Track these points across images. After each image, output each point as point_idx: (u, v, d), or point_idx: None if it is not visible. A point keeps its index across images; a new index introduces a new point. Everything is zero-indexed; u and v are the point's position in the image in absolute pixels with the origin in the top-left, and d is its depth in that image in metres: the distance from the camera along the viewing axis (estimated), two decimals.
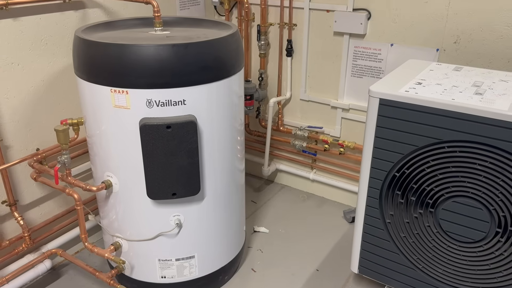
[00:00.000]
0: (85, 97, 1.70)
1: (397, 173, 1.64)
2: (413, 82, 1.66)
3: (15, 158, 1.90)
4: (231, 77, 1.75)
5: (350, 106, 2.48)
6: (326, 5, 2.36)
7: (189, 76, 1.60)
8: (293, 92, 2.70)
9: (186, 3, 2.57)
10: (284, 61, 2.65)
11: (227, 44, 1.71)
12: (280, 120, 2.78)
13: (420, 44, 2.15)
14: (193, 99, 1.64)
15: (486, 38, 1.97)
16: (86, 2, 2.02)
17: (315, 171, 2.77)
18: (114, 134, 1.67)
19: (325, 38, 2.44)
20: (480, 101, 1.46)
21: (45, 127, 1.99)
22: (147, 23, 1.99)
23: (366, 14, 2.24)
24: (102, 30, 1.85)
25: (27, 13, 1.81)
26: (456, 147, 1.49)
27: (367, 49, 2.32)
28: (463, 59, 2.05)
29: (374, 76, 2.34)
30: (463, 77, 1.70)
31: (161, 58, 1.55)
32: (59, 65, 1.98)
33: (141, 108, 1.60)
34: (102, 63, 1.57)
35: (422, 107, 1.50)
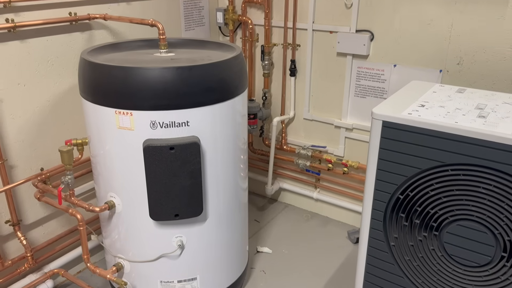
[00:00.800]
0: (90, 118, 1.71)
1: (401, 195, 1.62)
2: (416, 104, 1.66)
3: (19, 177, 1.91)
4: (234, 98, 1.76)
5: (353, 126, 2.48)
6: (329, 27, 2.38)
7: (193, 98, 1.62)
8: (296, 111, 2.71)
9: (191, 24, 2.60)
10: (287, 81, 2.67)
11: (231, 66, 1.73)
12: (283, 139, 2.78)
13: (423, 65, 2.16)
14: (197, 121, 1.64)
15: (489, 60, 1.98)
16: (92, 24, 2.05)
17: (319, 190, 2.76)
18: (117, 154, 1.68)
19: (329, 59, 2.46)
20: (483, 124, 1.45)
21: (49, 147, 2.00)
22: (153, 45, 2.02)
23: (369, 35, 2.25)
24: (108, 52, 1.88)
25: (34, 35, 1.84)
26: (460, 170, 1.48)
27: (370, 69, 2.33)
28: (467, 80, 2.06)
29: (377, 96, 2.35)
30: (466, 99, 1.71)
31: (166, 81, 1.56)
32: (64, 86, 2.00)
33: (145, 130, 1.61)
34: (107, 85, 1.59)
35: (425, 130, 1.50)
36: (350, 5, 2.27)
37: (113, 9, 2.13)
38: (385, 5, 2.17)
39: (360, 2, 2.23)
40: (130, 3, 2.20)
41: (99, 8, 2.05)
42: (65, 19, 1.90)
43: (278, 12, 2.55)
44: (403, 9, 2.12)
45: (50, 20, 1.85)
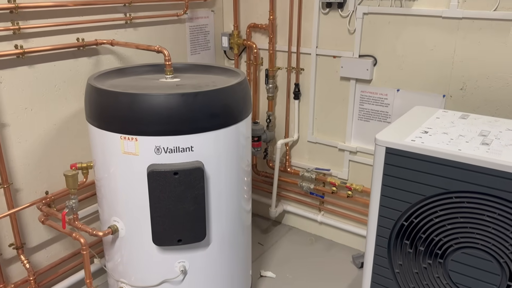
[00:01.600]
0: (95, 142, 1.73)
1: (405, 222, 1.62)
2: (419, 130, 1.67)
3: (24, 201, 1.92)
4: (238, 123, 1.78)
5: (357, 149, 2.49)
6: (332, 51, 2.41)
7: (198, 123, 1.63)
8: (300, 134, 2.72)
9: (197, 48, 2.64)
10: (291, 104, 2.69)
11: (235, 92, 1.75)
12: (287, 161, 2.78)
13: (426, 90, 2.17)
14: (201, 146, 1.66)
15: (492, 85, 1.99)
16: (99, 49, 2.09)
17: (323, 213, 2.75)
18: (122, 179, 1.69)
19: (332, 82, 2.48)
20: (487, 152, 1.46)
21: (55, 170, 2.02)
22: (159, 70, 2.05)
23: (372, 60, 2.28)
24: (114, 77, 1.91)
25: (42, 60, 1.87)
26: (464, 197, 1.47)
27: (373, 93, 2.35)
28: (470, 106, 2.06)
29: (381, 120, 2.36)
30: (469, 126, 1.71)
31: (171, 107, 1.58)
32: (70, 110, 2.03)
33: (150, 155, 1.62)
34: (113, 111, 1.61)
35: (428, 157, 1.50)
36: (353, 31, 2.31)
37: (120, 35, 2.17)
38: (388, 31, 2.19)
39: (363, 28, 2.26)
40: (137, 28, 2.24)
41: (106, 34, 2.09)
42: (73, 45, 1.94)
43: (282, 36, 2.58)
44: (406, 35, 2.15)
45: (58, 46, 1.88)
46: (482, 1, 1.91)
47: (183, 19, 2.49)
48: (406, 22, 2.13)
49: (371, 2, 2.21)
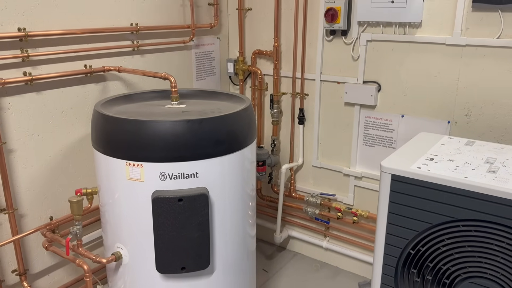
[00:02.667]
0: (101, 168, 1.74)
1: (412, 250, 1.59)
2: (425, 157, 1.66)
3: (28, 226, 1.91)
4: (243, 149, 1.78)
5: (362, 174, 2.48)
6: (336, 77, 2.43)
7: (203, 150, 1.64)
8: (305, 159, 2.72)
9: (202, 74, 2.68)
10: (296, 128, 2.70)
11: (240, 118, 1.76)
12: (292, 186, 2.77)
13: (431, 116, 2.17)
14: (206, 172, 1.66)
15: (497, 112, 1.99)
16: (107, 76, 2.12)
17: (329, 239, 2.72)
18: (126, 205, 1.69)
19: (337, 108, 2.49)
20: (493, 180, 1.45)
21: (59, 195, 2.02)
22: (165, 96, 2.07)
23: (376, 86, 2.29)
24: (121, 103, 1.93)
25: (50, 87, 1.90)
26: (471, 226, 1.45)
27: (378, 119, 2.35)
28: (475, 132, 2.06)
29: (386, 146, 2.36)
30: (475, 153, 1.70)
31: (176, 133, 1.59)
32: (77, 135, 2.04)
33: (154, 181, 1.62)
34: (119, 137, 1.62)
35: (434, 184, 1.49)
36: (357, 58, 2.33)
37: (128, 61, 2.20)
38: (392, 57, 2.22)
39: (367, 54, 2.29)
40: (144, 55, 2.28)
41: (113, 60, 2.13)
42: (81, 72, 1.97)
43: (287, 63, 2.61)
44: (410, 62, 2.17)
45: (66, 73, 1.91)
46: (485, 29, 1.93)
47: (189, 46, 2.53)
48: (410, 49, 2.15)
49: (375, 29, 2.24)
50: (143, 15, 2.23)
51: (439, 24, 2.04)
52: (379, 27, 2.22)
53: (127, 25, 2.15)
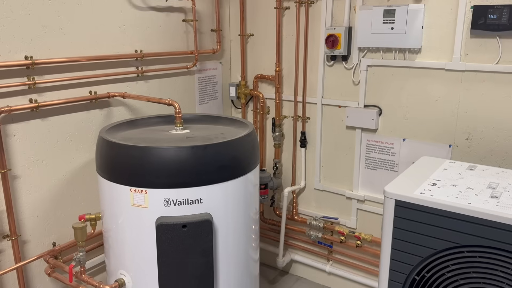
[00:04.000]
0: (105, 194, 1.74)
1: (417, 276, 1.59)
2: (427, 182, 1.67)
3: (31, 252, 1.90)
4: (247, 174, 1.79)
5: (365, 198, 2.48)
6: (338, 101, 2.46)
7: (207, 175, 1.65)
8: (307, 182, 2.73)
9: (205, 98, 2.71)
10: (298, 152, 2.71)
11: (244, 144, 1.77)
12: (294, 209, 2.77)
13: (432, 139, 2.19)
14: (210, 198, 1.66)
15: (498, 136, 2.00)
16: (111, 101, 2.14)
17: (332, 263, 2.70)
18: (130, 231, 1.69)
19: (338, 131, 2.51)
20: (496, 205, 1.45)
21: (63, 221, 2.02)
22: (169, 120, 2.09)
23: (377, 110, 2.32)
24: (125, 129, 1.95)
25: (55, 113, 1.92)
26: (476, 252, 1.45)
27: (379, 142, 2.37)
28: (476, 156, 2.07)
29: (388, 169, 2.37)
30: (477, 178, 1.71)
31: (181, 159, 1.60)
32: (81, 160, 2.05)
33: (159, 207, 1.62)
34: (124, 164, 1.63)
35: (438, 210, 1.50)
36: (357, 82, 2.36)
37: (132, 87, 2.23)
38: (392, 82, 2.25)
39: (368, 79, 2.32)
40: (148, 81, 2.31)
41: (118, 86, 2.16)
42: (86, 98, 1.99)
43: (288, 87, 2.65)
44: (410, 86, 2.20)
45: (71, 99, 1.94)
46: (484, 54, 1.97)
47: (192, 71, 2.57)
48: (410, 74, 2.19)
49: (375, 55, 2.27)
50: (148, 42, 2.27)
51: (439, 50, 2.08)
52: (379, 52, 2.26)
53: (131, 52, 2.19)
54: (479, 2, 1.93)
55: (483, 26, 1.91)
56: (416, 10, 2.06)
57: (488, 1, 1.91)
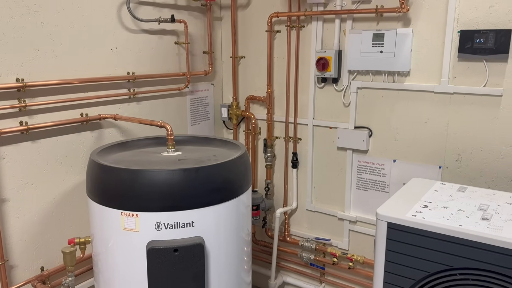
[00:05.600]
0: (95, 218, 1.72)
1: None
2: (419, 204, 1.68)
3: (18, 278, 1.86)
4: (239, 196, 1.78)
5: (357, 219, 2.48)
6: (329, 123, 2.48)
7: (199, 198, 1.64)
8: (299, 202, 2.72)
9: (196, 118, 2.71)
10: (289, 172, 2.71)
11: (236, 166, 1.77)
12: (286, 231, 2.76)
13: (422, 161, 2.21)
14: (202, 221, 1.65)
15: (487, 157, 2.03)
16: (102, 123, 2.14)
17: (324, 286, 2.68)
18: (120, 255, 1.66)
19: (329, 152, 2.52)
20: (487, 227, 1.46)
21: (52, 245, 1.98)
22: (160, 142, 2.08)
23: (368, 132, 2.34)
24: (116, 151, 1.94)
25: (45, 135, 1.91)
26: (468, 274, 1.46)
27: (370, 163, 2.38)
28: (466, 177, 2.09)
29: (379, 190, 2.38)
30: (468, 199, 1.73)
31: (172, 182, 1.59)
32: (71, 183, 2.03)
33: (150, 231, 1.60)
34: (115, 187, 1.62)
35: (430, 232, 1.50)
36: (348, 104, 2.39)
37: (124, 109, 2.23)
38: (382, 104, 2.28)
39: (358, 101, 2.35)
40: (140, 102, 2.31)
41: (109, 108, 2.15)
42: (77, 120, 1.99)
43: (280, 108, 2.67)
44: (399, 108, 2.23)
45: (62, 122, 1.93)
46: (471, 77, 2.01)
47: (184, 92, 2.58)
48: (399, 96, 2.22)
49: (365, 77, 2.31)
50: (140, 64, 2.28)
51: (427, 72, 2.12)
52: (368, 75, 2.29)
53: (124, 74, 2.20)
54: (466, 27, 1.98)
55: (470, 50, 1.96)
56: (405, 34, 2.11)
57: (474, 26, 1.96)
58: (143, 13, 2.25)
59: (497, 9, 1.91)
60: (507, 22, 1.89)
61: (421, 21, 2.10)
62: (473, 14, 1.96)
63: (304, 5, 2.43)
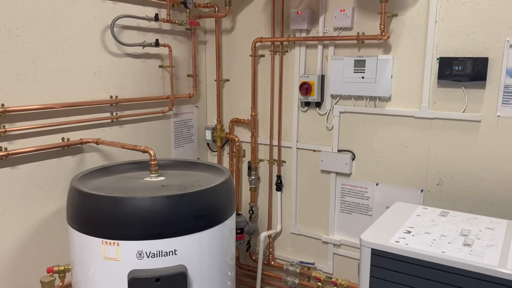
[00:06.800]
0: (75, 246, 1.68)
1: None
2: (402, 230, 1.69)
3: None
4: (223, 223, 1.77)
5: (341, 242, 2.48)
6: (312, 146, 2.49)
7: (182, 225, 1.62)
8: (283, 225, 2.71)
9: (180, 141, 2.70)
10: (274, 195, 2.71)
11: (221, 192, 1.76)
12: (271, 254, 2.74)
13: (404, 184, 2.23)
14: (185, 249, 1.63)
15: (467, 181, 2.06)
16: (84, 148, 2.11)
17: None
18: (101, 285, 1.63)
19: (313, 175, 2.53)
20: (469, 254, 1.48)
21: (30, 273, 1.93)
22: (143, 167, 2.06)
23: (351, 155, 2.36)
24: (98, 177, 1.91)
25: (25, 161, 1.87)
26: None
27: (354, 187, 2.40)
28: (448, 201, 2.12)
29: (362, 213, 2.38)
30: (450, 224, 1.75)
31: (155, 210, 1.57)
32: (50, 209, 1.99)
33: (131, 260, 1.57)
34: (96, 215, 1.59)
35: (413, 259, 1.51)
36: (331, 128, 2.41)
37: (106, 132, 2.21)
38: (364, 128, 2.30)
39: (340, 125, 2.37)
40: (122, 126, 2.29)
41: (91, 132, 2.13)
42: (58, 145, 1.96)
43: (264, 131, 2.68)
44: (381, 133, 2.26)
45: (43, 147, 1.90)
46: (451, 103, 2.05)
47: (168, 115, 2.57)
48: (381, 121, 2.25)
49: (347, 102, 2.34)
50: (123, 88, 2.27)
51: (408, 98, 2.16)
52: (351, 100, 2.32)
53: (107, 98, 2.18)
54: (445, 54, 2.03)
55: (449, 76, 2.01)
56: (385, 61, 2.15)
57: (453, 53, 2.02)
58: (127, 37, 2.26)
59: (474, 38, 1.97)
60: (484, 50, 1.95)
61: (401, 48, 2.15)
62: (452, 42, 2.01)
63: (287, 31, 2.47)
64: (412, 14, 2.09)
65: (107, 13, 2.14)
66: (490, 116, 1.97)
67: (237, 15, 2.64)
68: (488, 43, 1.94)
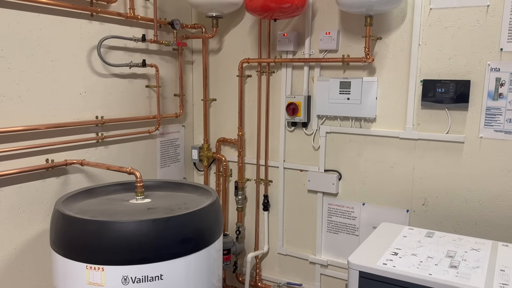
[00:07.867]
0: (58, 271, 1.64)
1: None
2: (389, 251, 1.70)
3: None
4: (210, 246, 1.75)
5: (328, 262, 2.47)
6: (299, 165, 2.50)
7: (168, 250, 1.60)
8: (270, 246, 2.70)
9: (167, 160, 2.68)
10: (261, 215, 2.70)
11: (207, 214, 1.75)
12: (258, 275, 2.71)
13: (390, 204, 2.25)
14: (171, 273, 1.60)
15: (452, 201, 2.09)
16: (69, 169, 2.08)
17: None
18: None
19: (300, 195, 2.53)
20: (456, 276, 1.49)
21: None
22: (128, 188, 2.04)
23: (337, 175, 2.37)
24: (82, 199, 1.88)
25: (8, 183, 1.83)
26: None
27: (340, 206, 2.40)
28: (433, 221, 2.14)
29: (349, 233, 2.39)
30: (436, 245, 1.76)
31: (141, 234, 1.55)
32: (33, 232, 1.94)
33: (116, 285, 1.54)
34: (80, 239, 1.56)
35: (401, 282, 1.51)
36: (317, 147, 2.43)
37: (91, 153, 2.18)
38: (350, 148, 2.33)
39: (327, 145, 2.39)
40: (108, 146, 2.27)
41: (76, 153, 2.10)
42: (42, 167, 1.92)
43: (251, 150, 2.68)
44: (367, 153, 2.28)
45: (26, 169, 1.86)
46: (435, 124, 2.09)
47: (154, 134, 2.55)
48: (366, 141, 2.27)
49: (333, 122, 2.36)
50: (109, 108, 2.25)
51: (392, 119, 2.19)
52: (337, 120, 2.35)
53: (92, 118, 2.16)
54: (428, 77, 2.07)
55: (432, 98, 2.05)
56: (370, 83, 2.19)
57: (436, 76, 2.06)
58: (114, 57, 2.25)
59: (456, 61, 2.02)
60: (465, 73, 2.00)
61: (385, 71, 2.19)
62: (435, 65, 2.06)
63: (274, 52, 2.49)
64: (396, 37, 2.14)
65: (94, 33, 2.13)
66: (473, 137, 2.01)
67: (224, 36, 2.66)
68: (470, 66, 1.99)
